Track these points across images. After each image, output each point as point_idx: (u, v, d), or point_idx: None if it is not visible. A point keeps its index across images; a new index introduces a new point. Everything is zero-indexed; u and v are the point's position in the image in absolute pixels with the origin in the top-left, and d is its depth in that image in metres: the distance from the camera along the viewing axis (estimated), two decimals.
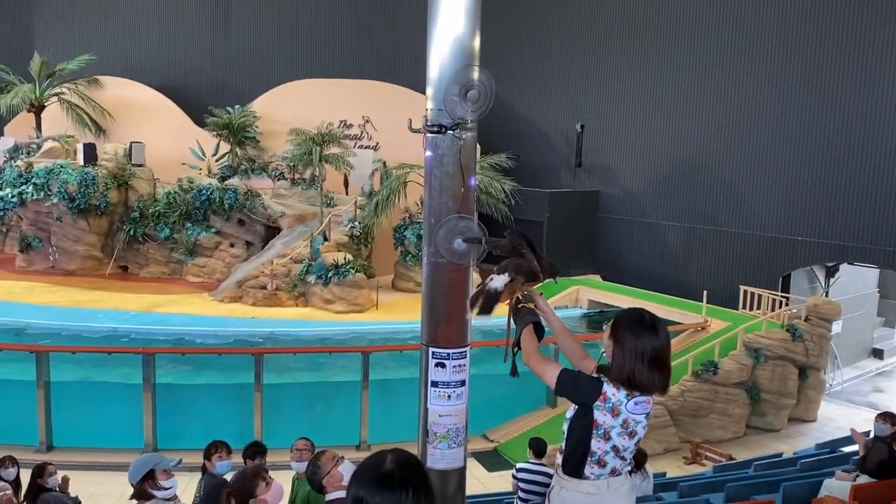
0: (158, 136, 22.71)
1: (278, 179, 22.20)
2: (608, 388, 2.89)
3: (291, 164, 21.39)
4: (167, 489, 4.17)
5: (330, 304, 18.85)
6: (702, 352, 15.01)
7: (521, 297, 3.31)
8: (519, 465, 7.13)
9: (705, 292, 17.23)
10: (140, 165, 21.50)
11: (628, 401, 2.88)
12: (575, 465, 2.99)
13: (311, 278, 18.94)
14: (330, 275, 18.80)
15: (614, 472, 3.00)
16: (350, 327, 17.72)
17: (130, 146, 21.42)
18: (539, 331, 3.13)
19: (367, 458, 2.03)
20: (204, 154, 23.17)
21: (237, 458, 6.20)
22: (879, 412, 7.00)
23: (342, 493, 4.04)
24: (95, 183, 20.31)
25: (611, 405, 2.89)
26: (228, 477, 5.81)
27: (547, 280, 3.39)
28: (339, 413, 13.99)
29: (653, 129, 20.98)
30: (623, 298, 19.95)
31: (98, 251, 21.31)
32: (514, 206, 20.60)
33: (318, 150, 19.89)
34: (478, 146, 4.15)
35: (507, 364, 3.38)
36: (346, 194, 22.06)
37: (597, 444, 2.92)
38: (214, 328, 16.84)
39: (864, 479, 6.60)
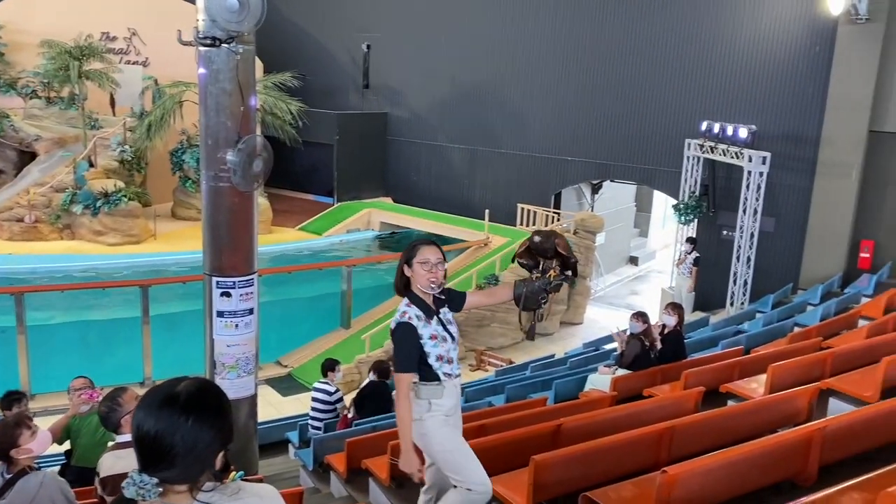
0: None
1: (30, 98, 19.67)
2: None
3: (45, 80, 19.09)
4: None
5: (101, 235, 17.41)
6: (484, 266, 15.95)
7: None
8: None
9: (487, 211, 18.19)
10: None
11: None
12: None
13: (77, 208, 17.30)
14: (99, 204, 17.28)
15: None
16: (126, 260, 16.54)
17: None
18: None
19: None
20: None
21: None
22: (634, 312, 7.76)
23: None
24: None
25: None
26: None
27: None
28: (119, 351, 13.16)
29: (436, 52, 21.20)
30: (413, 219, 20.48)
31: None
32: (301, 128, 20.02)
33: (76, 66, 17.93)
34: (259, 63, 3.93)
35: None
36: (114, 115, 20.15)
37: None
38: None
39: (621, 371, 7.46)
